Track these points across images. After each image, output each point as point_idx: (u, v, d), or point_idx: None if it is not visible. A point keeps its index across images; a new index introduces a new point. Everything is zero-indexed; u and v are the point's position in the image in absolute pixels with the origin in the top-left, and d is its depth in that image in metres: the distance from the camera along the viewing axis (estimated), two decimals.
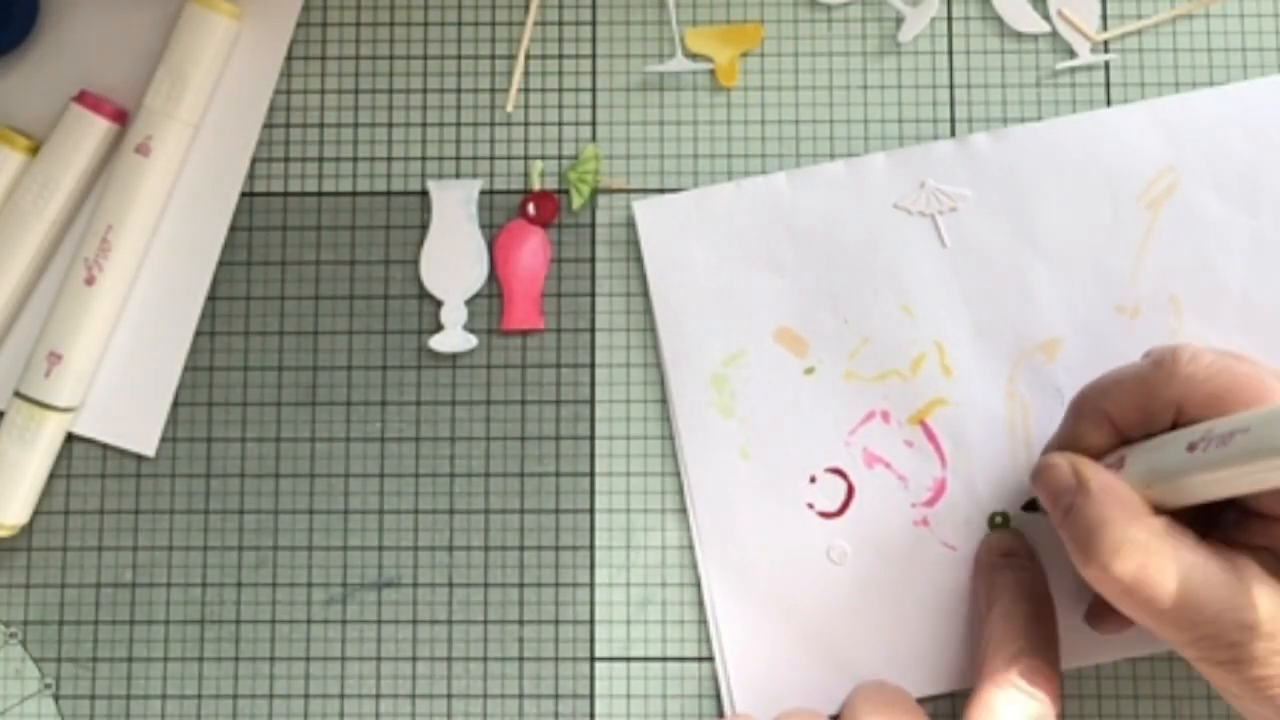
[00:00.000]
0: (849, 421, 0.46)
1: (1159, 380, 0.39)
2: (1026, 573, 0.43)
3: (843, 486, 0.45)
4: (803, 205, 0.46)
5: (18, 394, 0.45)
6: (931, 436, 0.45)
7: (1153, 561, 0.37)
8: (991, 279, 0.46)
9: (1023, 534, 0.44)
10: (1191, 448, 0.37)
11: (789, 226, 0.46)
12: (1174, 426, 0.39)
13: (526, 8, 0.47)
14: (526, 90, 0.47)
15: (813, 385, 0.46)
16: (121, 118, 0.46)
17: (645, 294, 0.46)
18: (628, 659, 0.45)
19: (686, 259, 0.46)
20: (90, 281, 0.45)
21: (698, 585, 0.45)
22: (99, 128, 0.45)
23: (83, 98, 0.45)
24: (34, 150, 0.45)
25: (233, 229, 0.47)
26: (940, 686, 0.45)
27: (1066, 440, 0.42)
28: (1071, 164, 0.46)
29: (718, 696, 0.45)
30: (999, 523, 0.45)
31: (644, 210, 0.46)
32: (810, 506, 0.45)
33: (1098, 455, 0.41)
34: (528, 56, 0.47)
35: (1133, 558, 0.37)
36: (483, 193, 0.47)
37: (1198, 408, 0.38)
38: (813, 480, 0.45)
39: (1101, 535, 0.37)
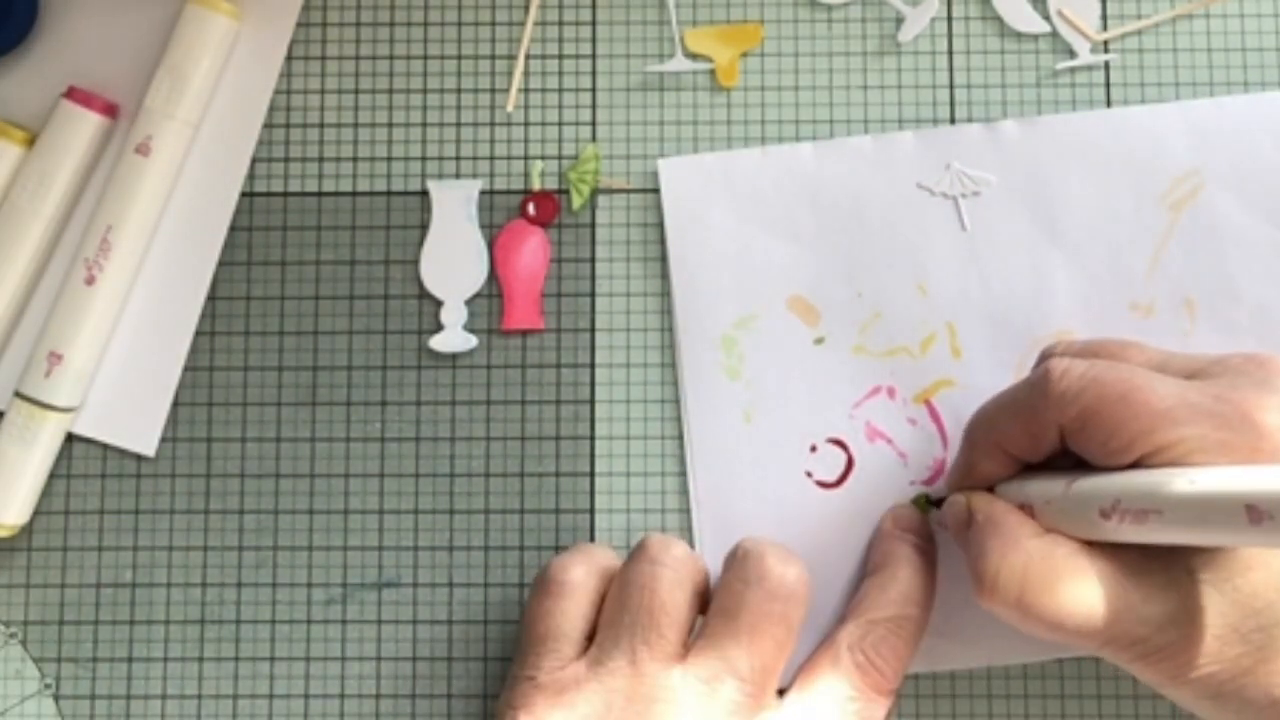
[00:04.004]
0: (854, 394, 0.46)
1: (1035, 404, 0.39)
2: (919, 554, 0.43)
3: (843, 458, 0.45)
4: (827, 176, 0.46)
5: (18, 394, 0.45)
6: (935, 417, 0.45)
7: (1031, 584, 0.37)
8: (1009, 266, 0.46)
9: (928, 520, 0.44)
10: (1105, 515, 0.37)
11: (811, 196, 0.46)
12: (1063, 444, 0.39)
13: (526, 8, 0.47)
14: (526, 90, 0.47)
15: (821, 355, 0.46)
16: (113, 111, 0.46)
17: (646, 294, 0.46)
18: None
19: (707, 218, 0.46)
20: (90, 281, 0.45)
21: None
22: (91, 123, 0.45)
23: (72, 94, 0.45)
24: (30, 142, 0.45)
25: (233, 229, 0.47)
26: (930, 665, 0.44)
27: (962, 471, 0.42)
28: (1098, 158, 0.46)
29: None
30: (923, 505, 0.45)
31: (668, 168, 0.46)
32: (809, 475, 0.45)
33: (995, 482, 0.42)
34: (528, 56, 0.47)
35: (1011, 583, 0.38)
36: (483, 193, 0.47)
37: (1073, 425, 0.38)
38: (813, 449, 0.45)
39: (983, 565, 0.38)
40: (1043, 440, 0.39)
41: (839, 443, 0.46)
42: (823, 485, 0.45)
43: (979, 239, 0.46)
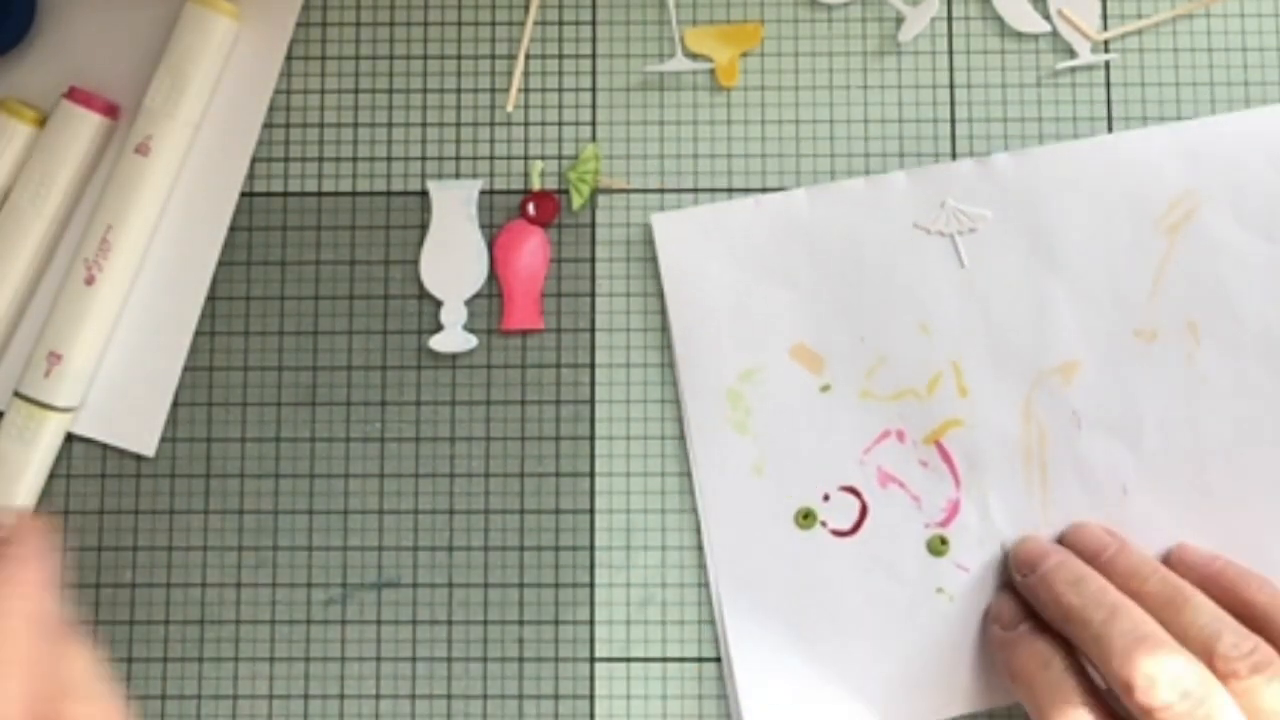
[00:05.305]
0: (863, 440, 0.45)
1: None
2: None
3: (856, 505, 0.45)
4: (822, 222, 0.46)
5: (18, 394, 0.45)
6: (946, 457, 0.45)
7: None
8: (1009, 300, 0.45)
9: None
10: None
11: (808, 243, 0.46)
12: None
13: (526, 8, 0.47)
14: (526, 90, 0.47)
15: (828, 403, 0.45)
16: (113, 112, 0.46)
17: (646, 294, 0.46)
18: (628, 659, 0.45)
19: (704, 273, 0.46)
20: (90, 281, 0.45)
21: (698, 586, 0.45)
22: (91, 123, 0.45)
23: (73, 94, 0.45)
24: (41, 121, 0.45)
25: (233, 229, 0.47)
26: (954, 709, 0.44)
27: None
28: (1091, 186, 0.46)
29: (719, 697, 0.45)
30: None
31: (662, 223, 0.46)
32: (823, 525, 0.45)
33: None
34: (528, 56, 0.47)
35: None
36: (483, 193, 0.47)
37: None
38: (826, 498, 0.45)
39: None
40: None
41: (851, 490, 0.45)
42: (838, 534, 0.45)
43: (978, 275, 0.46)
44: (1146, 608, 0.40)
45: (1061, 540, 0.44)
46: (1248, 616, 0.40)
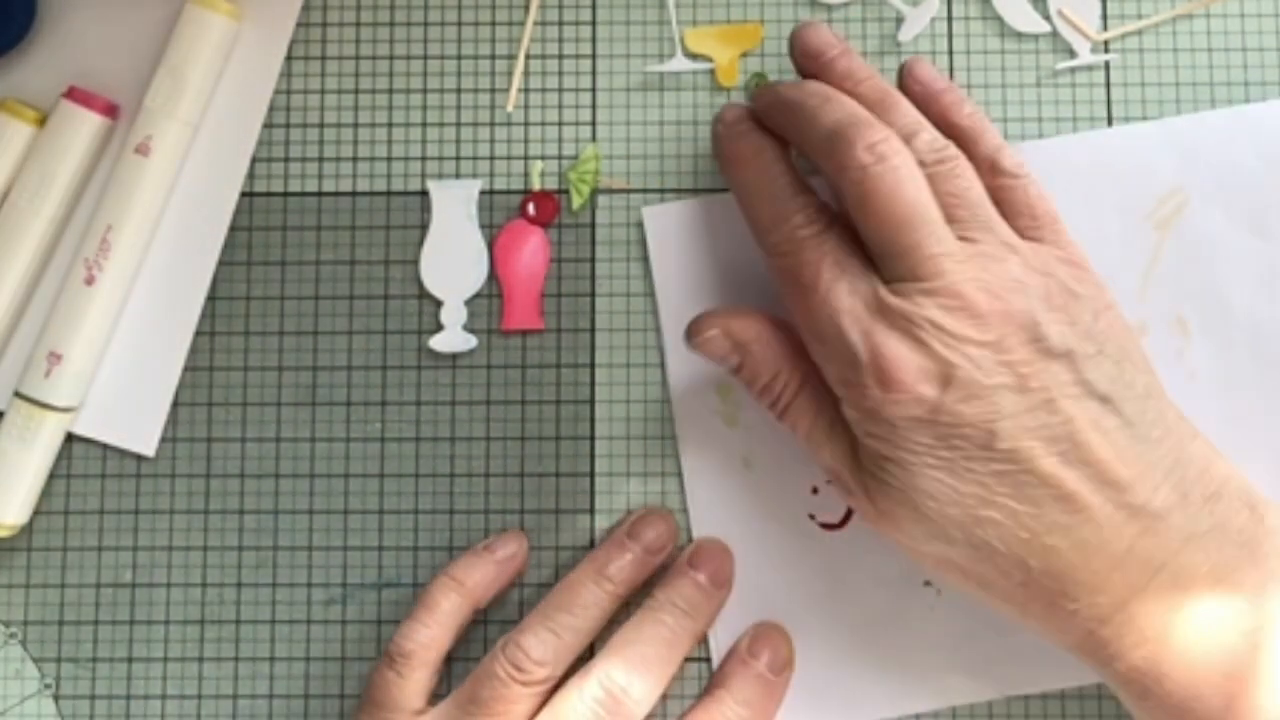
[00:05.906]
0: None
1: None
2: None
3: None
4: None
5: (18, 394, 0.45)
6: None
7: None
8: None
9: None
10: None
11: None
12: None
13: (526, 8, 0.47)
14: (526, 90, 0.47)
15: None
16: (113, 112, 0.46)
17: (646, 294, 0.46)
18: None
19: (694, 265, 0.46)
20: (90, 281, 0.45)
21: None
22: (91, 123, 0.45)
23: (72, 94, 0.45)
24: (41, 122, 0.45)
25: (233, 229, 0.47)
26: (941, 702, 0.44)
27: None
28: (1080, 181, 0.46)
29: None
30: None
31: (652, 216, 0.46)
32: (811, 518, 0.45)
33: None
34: (528, 56, 0.47)
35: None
36: (483, 193, 0.47)
37: None
38: (815, 491, 0.45)
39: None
40: None
41: None
42: (826, 527, 0.45)
43: None
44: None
45: (790, 43, 0.45)
46: (951, 137, 0.42)
